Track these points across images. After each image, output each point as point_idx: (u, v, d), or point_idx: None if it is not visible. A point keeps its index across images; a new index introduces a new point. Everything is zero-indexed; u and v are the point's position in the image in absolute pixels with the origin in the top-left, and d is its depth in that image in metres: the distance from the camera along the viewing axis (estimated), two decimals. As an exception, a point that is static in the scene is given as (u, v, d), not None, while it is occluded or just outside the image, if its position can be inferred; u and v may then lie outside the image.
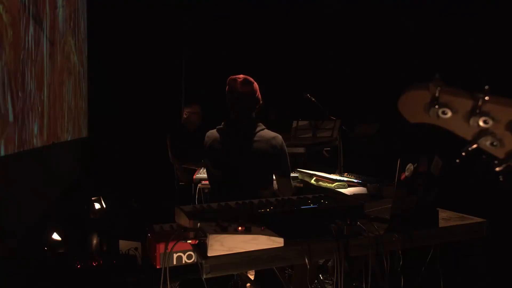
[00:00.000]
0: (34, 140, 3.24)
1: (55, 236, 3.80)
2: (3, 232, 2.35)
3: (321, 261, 2.36)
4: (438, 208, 1.89)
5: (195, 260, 1.67)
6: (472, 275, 3.04)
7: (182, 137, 4.35)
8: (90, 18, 5.58)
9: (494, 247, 2.88)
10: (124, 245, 3.55)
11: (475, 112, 0.63)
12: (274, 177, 2.49)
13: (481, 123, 0.63)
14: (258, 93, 2.44)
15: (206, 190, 3.26)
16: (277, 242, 1.51)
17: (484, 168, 0.65)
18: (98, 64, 5.63)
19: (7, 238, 2.40)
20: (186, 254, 1.69)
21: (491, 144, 0.64)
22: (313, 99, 3.73)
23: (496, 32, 3.67)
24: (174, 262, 1.67)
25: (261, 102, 2.47)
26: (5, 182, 2.73)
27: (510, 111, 0.62)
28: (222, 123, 2.44)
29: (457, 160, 0.66)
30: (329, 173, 2.94)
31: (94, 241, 4.24)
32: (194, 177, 3.33)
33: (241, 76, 2.41)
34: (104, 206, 4.83)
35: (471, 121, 0.64)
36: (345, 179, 2.72)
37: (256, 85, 2.43)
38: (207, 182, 3.11)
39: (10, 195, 2.78)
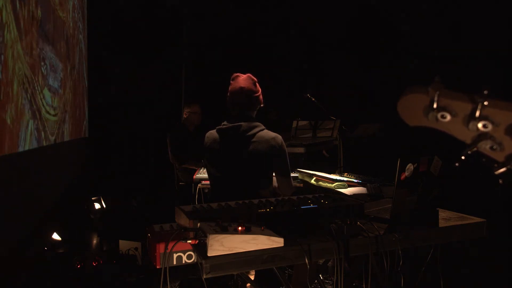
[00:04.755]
0: (35, 140, 3.24)
1: (55, 236, 3.80)
2: None
3: (321, 261, 2.37)
4: (438, 208, 1.89)
5: (195, 260, 1.68)
6: (472, 275, 3.04)
7: (182, 137, 4.36)
8: (90, 18, 5.58)
9: (494, 247, 2.88)
10: (124, 245, 3.55)
11: (474, 116, 0.63)
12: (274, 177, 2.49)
13: (480, 127, 0.63)
14: (260, 95, 2.45)
15: (206, 190, 3.26)
16: (277, 242, 1.51)
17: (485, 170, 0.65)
18: (98, 64, 5.63)
19: None
20: (186, 254, 1.70)
21: (491, 147, 0.64)
22: (313, 99, 3.73)
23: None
24: (174, 262, 1.68)
25: (262, 104, 2.48)
26: (6, 182, 2.73)
27: (510, 115, 0.62)
28: (222, 123, 2.44)
29: (456, 164, 0.66)
30: (329, 173, 2.95)
31: (94, 241, 4.24)
32: (194, 177, 3.33)
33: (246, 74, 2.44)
34: (104, 206, 4.83)
35: (470, 125, 0.64)
36: (345, 179, 2.72)
37: (258, 86, 2.44)
38: (207, 182, 3.11)
39: (10, 195, 2.79)
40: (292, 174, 2.68)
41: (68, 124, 4.44)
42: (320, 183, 2.69)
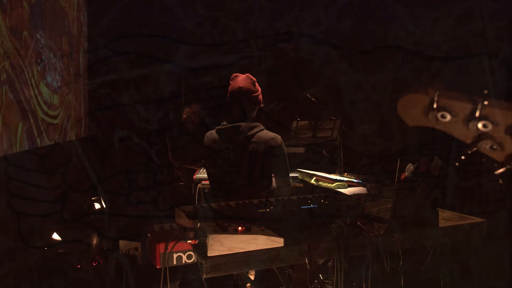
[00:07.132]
0: (36, 140, 3.24)
1: (55, 236, 3.80)
2: None
3: (321, 261, 2.37)
4: (438, 208, 1.90)
5: (195, 260, 1.68)
6: (472, 275, 3.04)
7: (182, 137, 4.36)
8: (89, 17, 5.57)
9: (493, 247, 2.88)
10: (124, 245, 3.55)
11: (474, 116, 0.63)
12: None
13: (480, 127, 0.63)
14: (259, 94, 2.45)
15: (206, 190, 3.26)
16: (277, 242, 1.51)
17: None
18: (97, 63, 5.63)
19: None
20: (186, 254, 1.70)
21: (491, 147, 0.64)
22: (313, 99, 3.73)
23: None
24: (174, 262, 1.68)
25: (262, 104, 2.48)
26: (5, 182, 2.73)
27: (509, 115, 0.62)
28: (222, 123, 2.45)
29: (456, 164, 0.66)
30: (329, 173, 2.95)
31: (94, 241, 4.24)
32: (194, 177, 3.33)
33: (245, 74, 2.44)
34: (104, 206, 4.83)
35: (470, 125, 0.64)
36: (345, 179, 2.72)
37: (258, 86, 2.44)
38: (207, 182, 3.11)
39: (10, 195, 2.79)
40: (292, 174, 2.69)
41: (68, 124, 4.44)
42: (320, 183, 2.69)
